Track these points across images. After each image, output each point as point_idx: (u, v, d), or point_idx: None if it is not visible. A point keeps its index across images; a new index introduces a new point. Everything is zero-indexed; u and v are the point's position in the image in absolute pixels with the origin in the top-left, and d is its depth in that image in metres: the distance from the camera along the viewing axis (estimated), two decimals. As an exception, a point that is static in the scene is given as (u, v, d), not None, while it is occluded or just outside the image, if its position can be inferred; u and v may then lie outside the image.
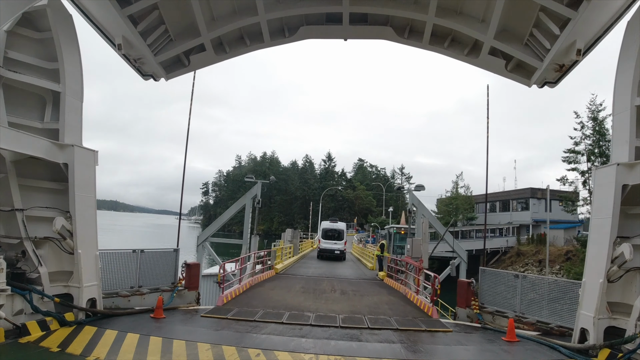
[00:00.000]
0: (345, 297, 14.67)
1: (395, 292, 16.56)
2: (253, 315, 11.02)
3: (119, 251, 12.26)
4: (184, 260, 13.97)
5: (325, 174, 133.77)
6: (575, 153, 48.30)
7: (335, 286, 17.04)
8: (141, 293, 12.51)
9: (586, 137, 47.99)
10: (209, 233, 20.67)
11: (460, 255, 20.59)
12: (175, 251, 13.85)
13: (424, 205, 20.79)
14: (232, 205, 20.82)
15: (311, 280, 18.67)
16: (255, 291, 14.89)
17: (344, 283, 18.46)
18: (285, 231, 31.85)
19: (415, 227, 20.61)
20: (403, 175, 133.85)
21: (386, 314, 12.34)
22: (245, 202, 20.63)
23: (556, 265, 47.18)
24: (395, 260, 19.46)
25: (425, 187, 20.28)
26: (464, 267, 20.68)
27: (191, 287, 13.65)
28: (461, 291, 13.29)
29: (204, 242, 20.62)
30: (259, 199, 20.55)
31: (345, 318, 11.29)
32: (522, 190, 67.94)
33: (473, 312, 12.79)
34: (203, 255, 20.70)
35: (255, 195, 20.55)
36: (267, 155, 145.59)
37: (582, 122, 47.68)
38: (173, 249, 13.88)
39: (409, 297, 15.14)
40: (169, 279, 13.60)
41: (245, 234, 20.50)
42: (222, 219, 20.75)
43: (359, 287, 17.28)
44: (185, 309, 12.36)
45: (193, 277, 13.81)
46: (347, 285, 17.60)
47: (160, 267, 13.35)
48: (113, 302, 11.58)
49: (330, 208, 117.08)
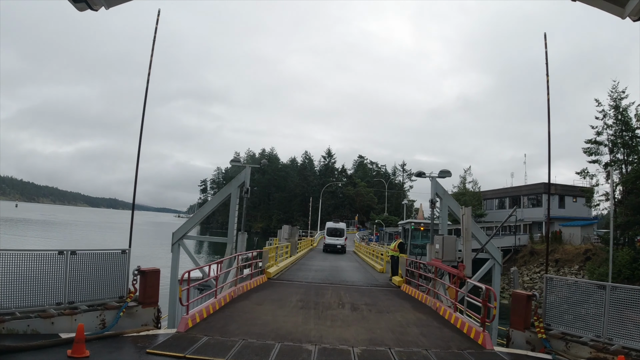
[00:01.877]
0: (358, 315, 10.86)
1: (421, 305, 12.76)
2: (225, 352, 7.22)
3: (37, 252, 8.48)
4: (137, 265, 10.14)
5: (325, 170, 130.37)
6: (597, 144, 44.67)
7: (342, 297, 13.23)
8: (72, 312, 8.78)
9: (608, 127, 44.54)
10: (185, 229, 16.86)
11: (495, 256, 16.83)
12: (124, 253, 10.04)
13: (450, 195, 16.97)
14: (215, 196, 16.98)
15: (312, 289, 14.86)
16: (236, 307, 11.08)
17: (354, 292, 14.65)
18: (281, 228, 27.99)
19: (439, 222, 16.80)
20: (405, 172, 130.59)
21: (420, 343, 8.53)
22: (230, 190, 16.80)
23: (575, 265, 43.78)
24: (416, 263, 15.63)
25: (426, 186, 16.40)
26: (498, 270, 16.92)
27: (147, 302, 9.89)
28: (518, 307, 9.62)
29: (180, 241, 16.88)
30: (247, 187, 16.71)
31: (363, 354, 7.51)
32: (534, 186, 64.17)
33: (536, 337, 9.14)
34: (178, 256, 16.93)
35: (243, 182, 16.72)
36: (265, 152, 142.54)
37: (604, 111, 44.16)
38: (121, 250, 10.07)
39: (442, 314, 11.35)
40: (119, 291, 9.86)
41: (231, 230, 16.69)
42: (202, 213, 16.94)
43: (374, 299, 13.47)
44: (135, 336, 8.56)
45: (150, 288, 10.04)
46: (357, 296, 13.79)
47: (105, 274, 9.60)
48: (29, 326, 7.94)
49: (330, 205, 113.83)
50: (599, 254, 41.78)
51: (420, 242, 19.99)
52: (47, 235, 67.67)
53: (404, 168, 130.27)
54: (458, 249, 13.42)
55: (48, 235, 68.01)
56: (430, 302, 12.74)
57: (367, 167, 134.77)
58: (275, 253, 19.88)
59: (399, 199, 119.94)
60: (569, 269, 44.41)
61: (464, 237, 11.35)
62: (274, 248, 19.29)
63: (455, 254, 13.09)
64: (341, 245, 39.30)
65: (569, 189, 62.47)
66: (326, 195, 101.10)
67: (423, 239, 19.91)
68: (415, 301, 13.42)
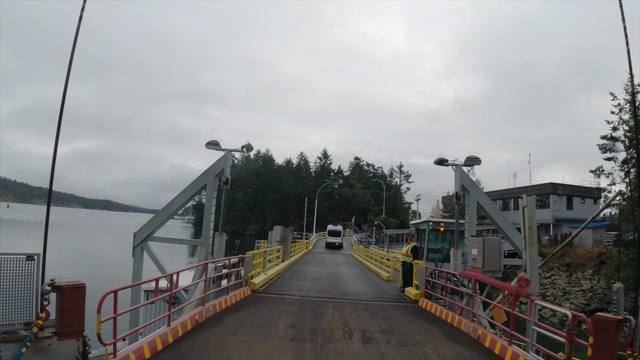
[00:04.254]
0: (374, 353, 7.49)
1: (455, 332, 9.42)
2: None
3: None
4: (51, 279, 6.79)
5: (321, 172, 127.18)
6: (613, 140, 41.78)
7: (348, 320, 9.86)
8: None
9: (624, 122, 41.78)
10: (149, 229, 13.51)
11: (532, 264, 13.58)
12: (31, 259, 6.67)
13: (479, 188, 13.72)
14: (187, 187, 13.59)
15: (307, 306, 11.48)
16: (200, 339, 7.72)
17: (361, 311, 11.29)
18: (272, 229, 24.57)
19: (467, 221, 13.52)
20: (402, 174, 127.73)
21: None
22: (205, 181, 13.43)
23: (588, 270, 40.84)
24: (440, 273, 12.29)
25: (422, 188, 13.46)
26: (536, 280, 13.68)
27: (66, 331, 6.61)
28: (603, 337, 6.46)
29: (143, 243, 13.53)
30: (227, 177, 13.37)
31: None
32: (540, 186, 61.22)
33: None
34: (141, 262, 13.59)
35: (222, 171, 13.38)
36: (260, 154, 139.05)
37: (619, 105, 41.33)
38: (26, 256, 6.69)
39: (490, 346, 8.05)
40: (25, 315, 6.59)
41: (206, 230, 13.32)
42: (170, 208, 13.53)
43: (389, 321, 10.10)
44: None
45: (70, 311, 6.77)
46: (367, 317, 10.43)
47: (5, 290, 6.36)
48: None
49: (326, 207, 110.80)
50: (614, 257, 39.08)
51: (438, 245, 16.64)
52: (16, 235, 63.79)
53: (401, 169, 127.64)
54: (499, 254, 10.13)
55: (17, 235, 64.15)
56: (467, 327, 9.42)
57: (363, 168, 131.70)
58: (264, 258, 16.50)
59: (396, 200, 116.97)
60: (582, 273, 41.52)
61: (527, 238, 8.07)
62: (261, 252, 15.88)
63: (501, 261, 9.80)
64: (339, 242, 52.62)
65: (577, 189, 59.75)
66: (322, 196, 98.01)
67: (442, 241, 16.60)
68: (445, 325, 10.08)
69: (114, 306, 6.29)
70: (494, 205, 13.77)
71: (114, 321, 6.29)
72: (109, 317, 6.24)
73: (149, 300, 7.57)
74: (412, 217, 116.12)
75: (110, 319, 6.25)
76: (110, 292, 6.19)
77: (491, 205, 13.67)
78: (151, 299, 7.66)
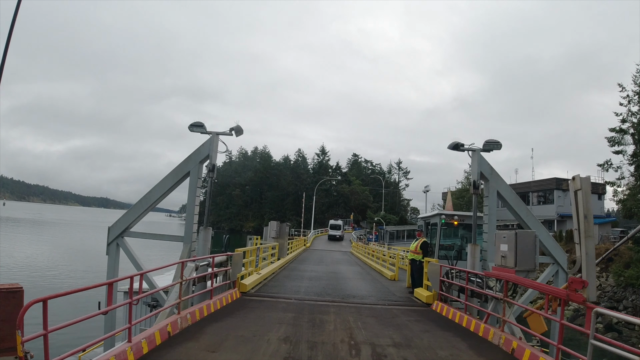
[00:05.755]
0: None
1: (483, 344, 7.81)
2: None
3: None
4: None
5: (319, 168, 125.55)
6: (622, 132, 40.33)
7: (354, 331, 8.23)
8: None
9: (633, 115, 40.40)
10: (125, 223, 11.87)
11: (558, 260, 12.12)
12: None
13: (500, 176, 12.13)
14: (168, 175, 11.91)
15: (305, 312, 9.85)
16: (170, 356, 6.10)
17: (368, 317, 9.66)
18: (268, 224, 22.90)
19: (485, 214, 11.90)
20: (400, 170, 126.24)
21: None
22: (189, 168, 11.77)
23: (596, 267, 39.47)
24: (459, 273, 10.66)
25: (420, 185, 12.03)
26: (563, 280, 12.15)
27: None
28: None
29: (119, 239, 11.92)
30: (213, 163, 11.71)
31: None
32: (544, 181, 59.78)
33: None
34: (117, 261, 11.97)
35: (208, 156, 11.72)
36: (258, 150, 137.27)
37: (628, 96, 39.92)
38: None
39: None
40: None
41: (189, 224, 11.69)
42: (149, 200, 11.85)
43: (403, 331, 8.47)
44: None
45: (4, 322, 5.38)
46: (376, 326, 8.81)
47: None
48: None
49: (324, 204, 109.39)
50: (622, 254, 37.77)
51: (450, 241, 14.99)
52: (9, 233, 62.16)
53: (400, 166, 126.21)
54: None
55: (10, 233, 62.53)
56: (496, 338, 7.81)
57: (361, 165, 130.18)
58: (256, 256, 14.86)
59: (395, 197, 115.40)
60: (589, 271, 40.03)
61: (582, 230, 6.46)
62: (253, 250, 14.23)
63: (536, 259, 8.19)
64: (339, 235, 59.67)
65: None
66: (320, 193, 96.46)
67: (454, 237, 14.96)
68: (468, 335, 8.47)
69: (43, 320, 4.66)
70: (516, 195, 12.18)
71: (44, 340, 4.67)
72: (37, 334, 4.62)
73: (101, 310, 5.91)
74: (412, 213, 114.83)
75: (38, 337, 4.63)
76: (36, 301, 4.55)
77: (513, 195, 12.07)
78: (106, 307, 6.00)
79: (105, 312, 5.84)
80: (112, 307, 5.95)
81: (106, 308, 5.85)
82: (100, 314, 5.87)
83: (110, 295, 5.83)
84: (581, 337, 10.57)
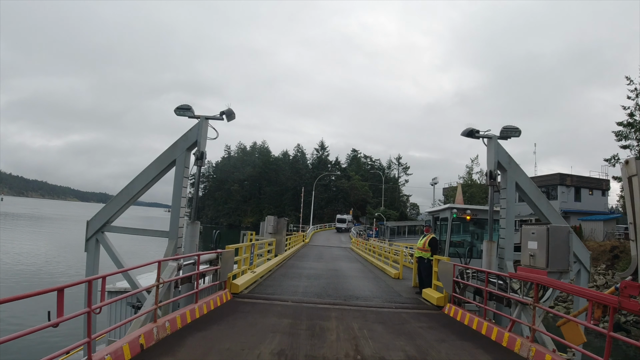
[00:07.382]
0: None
1: (505, 354, 6.70)
2: None
3: None
4: None
5: (318, 163, 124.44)
6: (630, 126, 39.38)
7: (360, 341, 7.11)
8: None
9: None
10: (105, 217, 10.73)
11: (581, 259, 11.02)
12: None
13: (518, 166, 10.99)
14: (151, 163, 10.75)
15: (303, 317, 8.74)
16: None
17: (374, 324, 8.54)
18: (265, 219, 21.76)
19: (503, 207, 10.78)
20: (400, 166, 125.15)
21: None
22: (175, 155, 10.60)
23: (601, 265, 38.58)
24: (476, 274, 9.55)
25: (419, 181, 10.88)
26: (585, 279, 11.10)
27: None
28: None
29: (98, 234, 10.78)
30: (202, 150, 10.55)
31: None
32: (547, 177, 58.53)
33: None
34: (97, 257, 10.84)
35: (196, 142, 10.56)
36: (257, 145, 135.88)
37: (636, 89, 38.96)
38: None
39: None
40: None
41: (175, 218, 10.52)
42: (131, 191, 10.71)
43: (415, 339, 7.36)
44: None
45: None
46: (384, 334, 7.69)
47: None
48: None
49: (323, 199, 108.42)
50: (627, 251, 36.87)
51: (459, 237, 13.88)
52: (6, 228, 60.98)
53: (399, 161, 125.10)
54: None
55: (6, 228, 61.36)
56: (524, 350, 6.71)
57: (361, 161, 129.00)
58: (251, 252, 13.72)
59: (395, 192, 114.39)
60: (594, 268, 39.17)
61: (638, 224, 5.37)
62: (247, 246, 13.10)
63: (570, 259, 7.10)
64: (345, 227, 67.30)
65: (585, 180, 57.20)
66: (319, 188, 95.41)
67: (463, 233, 13.85)
68: (490, 345, 7.36)
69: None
70: (537, 187, 11.05)
71: None
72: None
73: (51, 322, 4.75)
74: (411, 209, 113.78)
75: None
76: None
77: (533, 187, 10.94)
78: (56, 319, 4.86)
79: (55, 324, 4.69)
80: (65, 318, 4.78)
81: (56, 320, 4.71)
82: (49, 325, 4.71)
83: (90, 296, 4.68)
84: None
